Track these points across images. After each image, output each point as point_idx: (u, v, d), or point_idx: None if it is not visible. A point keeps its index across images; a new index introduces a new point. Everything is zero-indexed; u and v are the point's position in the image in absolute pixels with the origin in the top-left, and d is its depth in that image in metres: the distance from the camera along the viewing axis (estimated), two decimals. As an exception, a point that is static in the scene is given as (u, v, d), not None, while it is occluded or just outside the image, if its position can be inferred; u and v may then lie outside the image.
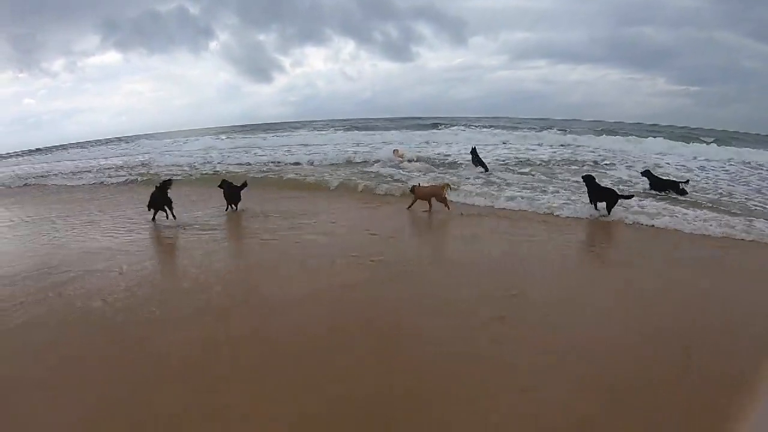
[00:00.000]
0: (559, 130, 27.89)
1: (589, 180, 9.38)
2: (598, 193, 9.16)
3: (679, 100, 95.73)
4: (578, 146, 19.88)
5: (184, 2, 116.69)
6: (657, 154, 18.32)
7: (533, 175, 13.33)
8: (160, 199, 9.03)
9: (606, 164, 15.54)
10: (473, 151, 14.46)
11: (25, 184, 17.21)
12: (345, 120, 46.39)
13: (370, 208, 10.19)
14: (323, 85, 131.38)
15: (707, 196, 10.89)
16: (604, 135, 24.30)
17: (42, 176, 18.58)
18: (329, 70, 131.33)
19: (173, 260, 7.11)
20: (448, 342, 4.23)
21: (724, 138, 27.00)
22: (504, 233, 7.99)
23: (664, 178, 11.65)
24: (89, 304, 5.20)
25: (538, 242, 7.50)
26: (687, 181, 11.23)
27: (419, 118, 43.68)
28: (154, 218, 9.09)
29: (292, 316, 4.85)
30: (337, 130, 33.96)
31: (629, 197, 9.15)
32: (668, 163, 15.77)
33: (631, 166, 14.64)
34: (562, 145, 20.18)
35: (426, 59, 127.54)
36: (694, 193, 10.86)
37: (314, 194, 11.78)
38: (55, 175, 18.45)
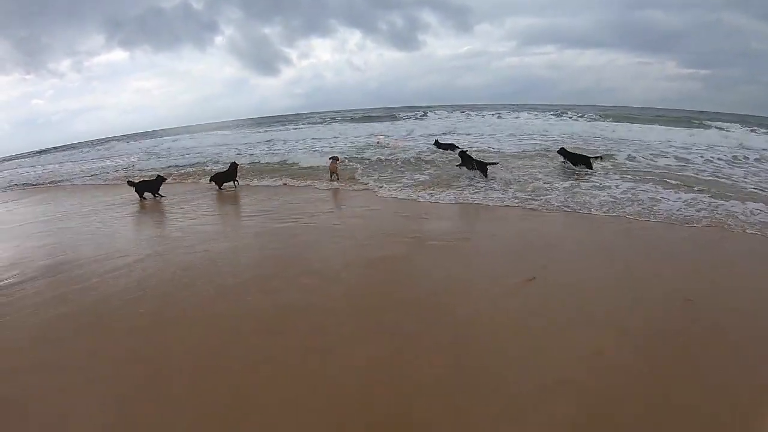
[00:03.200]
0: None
1: (463, 154, 12.16)
2: (472, 164, 11.69)
3: (688, 84, 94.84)
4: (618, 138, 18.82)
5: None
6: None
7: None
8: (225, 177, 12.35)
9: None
10: (436, 142, 16.76)
11: (49, 183, 17.78)
12: (353, 110, 46.91)
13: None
14: (330, 76, 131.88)
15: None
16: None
17: (63, 175, 19.32)
18: (336, 61, 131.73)
19: (229, 242, 7.59)
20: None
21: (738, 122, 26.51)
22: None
23: (577, 153, 12.78)
24: (167, 277, 5.96)
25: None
26: (599, 157, 12.51)
27: (428, 107, 43.70)
28: (220, 187, 12.22)
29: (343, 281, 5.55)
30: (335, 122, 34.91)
31: (495, 163, 11.95)
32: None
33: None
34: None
35: (433, 48, 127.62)
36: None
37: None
38: (77, 175, 19.05)
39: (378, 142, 18.36)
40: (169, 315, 4.89)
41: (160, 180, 11.96)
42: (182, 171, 16.47)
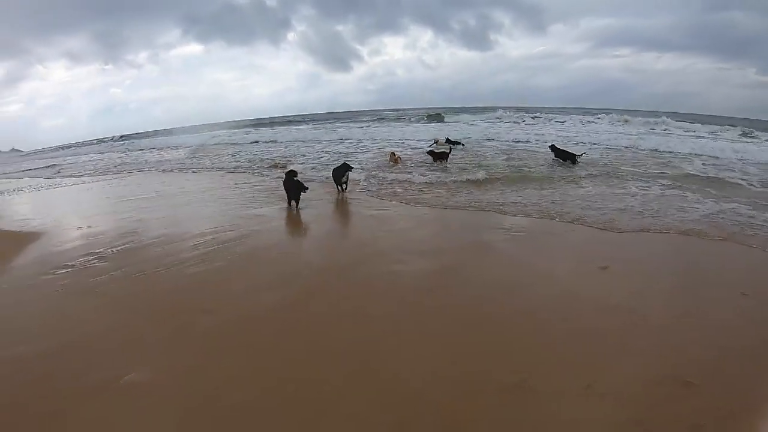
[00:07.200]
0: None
1: (430, 152, 14.35)
2: (437, 155, 13.90)
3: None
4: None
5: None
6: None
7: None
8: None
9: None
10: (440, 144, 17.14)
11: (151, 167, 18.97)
12: (424, 108, 46.88)
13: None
14: (402, 73, 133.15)
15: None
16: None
17: (155, 161, 20.93)
18: (408, 59, 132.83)
19: (322, 226, 8.23)
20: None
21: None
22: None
23: (566, 150, 14.28)
24: (274, 251, 6.65)
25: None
26: (582, 154, 14.12)
27: (493, 108, 42.66)
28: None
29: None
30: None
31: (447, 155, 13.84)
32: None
33: None
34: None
35: (505, 48, 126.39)
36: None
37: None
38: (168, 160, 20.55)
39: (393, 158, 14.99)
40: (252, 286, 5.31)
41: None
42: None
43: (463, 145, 17.58)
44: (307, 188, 9.32)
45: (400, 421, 3.04)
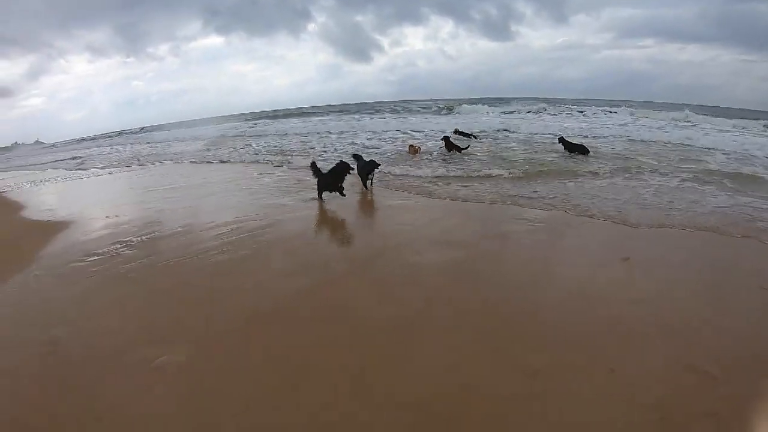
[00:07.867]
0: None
1: (445, 138, 14.70)
2: (452, 145, 14.21)
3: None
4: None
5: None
6: None
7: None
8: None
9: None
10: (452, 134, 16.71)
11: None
12: (444, 100, 46.14)
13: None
14: (423, 64, 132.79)
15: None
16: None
17: (177, 152, 21.13)
18: (428, 50, 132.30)
19: (342, 216, 8.27)
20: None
21: None
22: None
23: (575, 142, 14.16)
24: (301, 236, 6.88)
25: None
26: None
27: (513, 99, 41.90)
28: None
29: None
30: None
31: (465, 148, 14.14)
32: None
33: None
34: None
35: (527, 38, 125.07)
36: None
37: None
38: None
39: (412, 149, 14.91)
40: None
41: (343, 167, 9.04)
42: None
43: (476, 137, 17.29)
44: (352, 168, 9.20)
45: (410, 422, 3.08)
